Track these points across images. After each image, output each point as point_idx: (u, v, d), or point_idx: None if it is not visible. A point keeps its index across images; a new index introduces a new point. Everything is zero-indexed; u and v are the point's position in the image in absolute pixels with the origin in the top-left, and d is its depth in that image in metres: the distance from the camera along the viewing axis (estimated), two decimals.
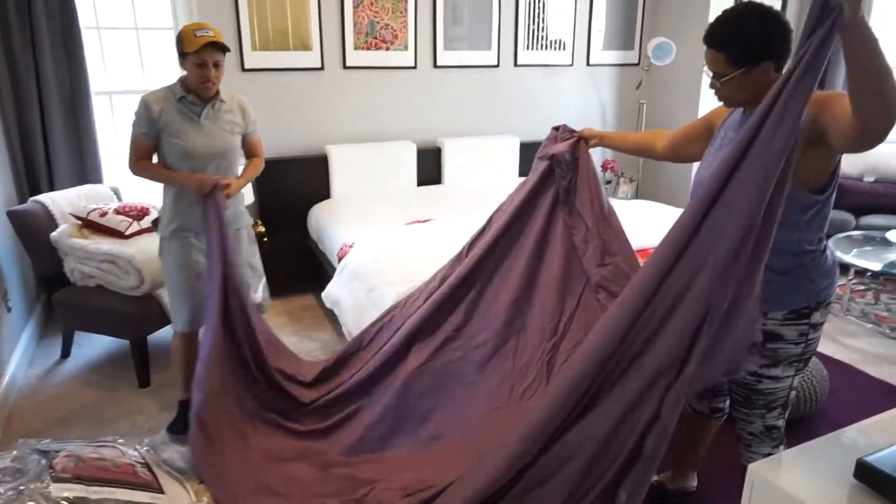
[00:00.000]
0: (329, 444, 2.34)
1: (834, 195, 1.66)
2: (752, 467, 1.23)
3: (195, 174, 2.41)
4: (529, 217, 2.31)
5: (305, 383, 2.54)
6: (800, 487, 1.15)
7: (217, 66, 2.38)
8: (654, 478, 2.27)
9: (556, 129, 2.33)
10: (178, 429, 2.59)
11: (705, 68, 1.71)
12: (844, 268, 3.77)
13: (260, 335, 2.47)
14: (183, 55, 2.38)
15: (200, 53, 2.32)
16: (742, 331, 1.58)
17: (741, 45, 1.60)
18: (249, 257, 2.71)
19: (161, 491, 2.02)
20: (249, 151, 2.71)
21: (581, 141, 2.24)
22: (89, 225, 3.11)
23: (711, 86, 1.72)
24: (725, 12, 1.66)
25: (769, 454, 1.84)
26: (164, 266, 2.59)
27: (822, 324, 1.76)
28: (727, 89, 1.67)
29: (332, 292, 3.08)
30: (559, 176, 2.24)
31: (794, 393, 1.82)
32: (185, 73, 2.43)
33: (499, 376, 2.22)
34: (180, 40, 2.37)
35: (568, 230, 2.23)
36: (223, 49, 2.38)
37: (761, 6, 1.63)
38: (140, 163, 2.45)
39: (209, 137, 2.48)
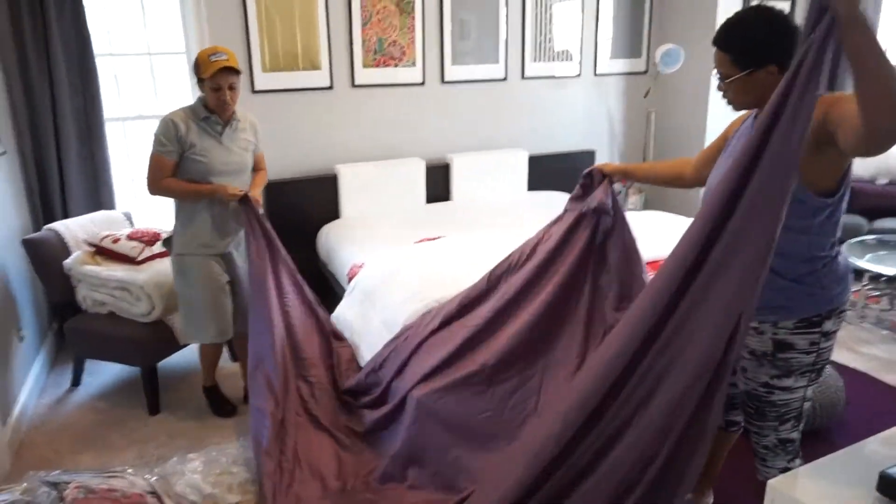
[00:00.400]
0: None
1: (846, 199, 1.62)
2: (771, 483, 1.19)
3: (225, 185, 2.58)
4: (560, 259, 2.25)
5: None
6: (821, 503, 1.11)
7: (232, 88, 2.53)
8: None
9: (587, 176, 2.24)
10: (214, 410, 2.98)
11: (714, 71, 1.70)
12: (858, 273, 3.68)
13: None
14: (200, 80, 2.52)
15: (215, 78, 2.47)
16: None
17: (746, 47, 1.61)
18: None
19: None
20: (256, 165, 2.88)
21: (607, 180, 2.18)
22: (102, 252, 3.13)
23: (719, 87, 1.72)
24: (734, 14, 1.67)
25: (785, 468, 1.79)
26: (184, 284, 2.73)
27: (834, 332, 1.70)
28: (732, 91, 1.67)
29: (342, 313, 3.07)
30: (603, 224, 2.17)
31: (808, 404, 1.76)
32: (203, 94, 2.57)
33: (521, 414, 2.16)
34: (197, 66, 2.52)
35: (595, 275, 2.20)
36: (236, 72, 2.50)
37: (769, 9, 1.63)
38: (163, 181, 2.57)
39: (230, 154, 2.65)
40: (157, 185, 2.57)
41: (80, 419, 2.98)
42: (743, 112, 1.80)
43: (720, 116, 4.75)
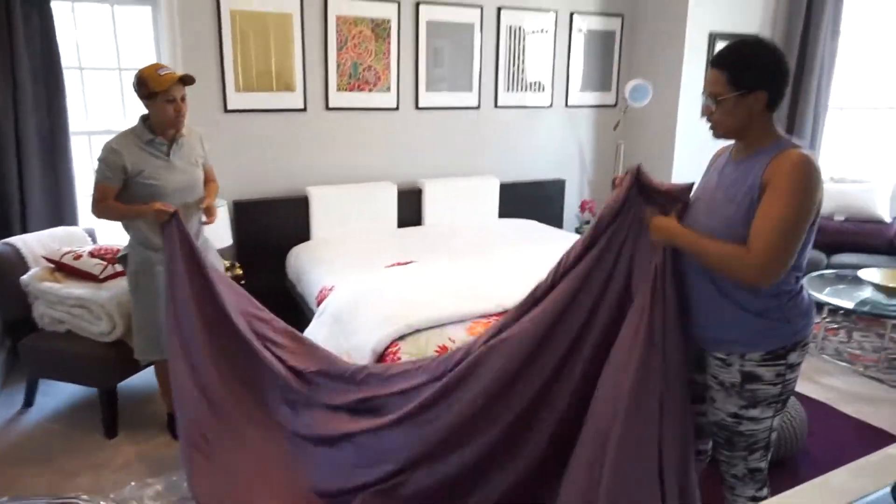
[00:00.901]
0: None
1: (812, 236, 1.68)
2: None
3: (153, 203, 2.51)
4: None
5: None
6: None
7: (183, 99, 2.54)
8: None
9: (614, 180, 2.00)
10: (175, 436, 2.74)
11: (702, 94, 1.75)
12: (818, 306, 3.77)
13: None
14: (150, 96, 2.50)
15: (171, 91, 2.48)
16: None
17: (744, 67, 1.66)
18: None
19: None
20: (207, 177, 2.83)
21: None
22: (62, 268, 3.03)
23: (704, 112, 1.75)
24: (737, 40, 1.72)
25: (754, 497, 1.83)
26: (142, 299, 2.68)
27: (799, 364, 1.76)
28: (720, 112, 1.70)
29: (313, 334, 3.02)
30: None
31: (774, 434, 1.81)
32: (145, 113, 2.56)
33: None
34: (143, 83, 2.49)
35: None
36: (188, 83, 2.53)
37: (771, 41, 1.72)
38: (102, 203, 2.56)
39: (180, 174, 2.63)
40: (98, 208, 2.59)
41: (33, 442, 2.85)
42: (720, 146, 1.86)
43: (687, 151, 4.89)
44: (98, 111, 3.89)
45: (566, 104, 5.09)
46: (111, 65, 3.83)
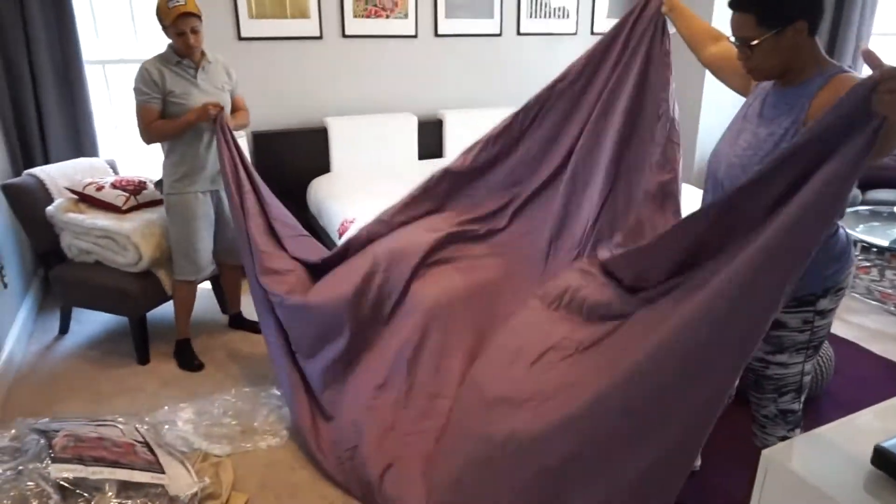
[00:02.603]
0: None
1: None
2: (765, 453, 1.21)
3: (198, 107, 2.63)
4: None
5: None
6: (815, 474, 1.13)
7: (195, 31, 2.60)
8: None
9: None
10: (181, 364, 2.96)
11: (731, 38, 1.59)
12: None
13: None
14: (165, 27, 2.60)
15: (177, 24, 2.55)
16: None
17: (772, 3, 1.48)
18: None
19: (162, 471, 2.00)
20: (236, 106, 2.94)
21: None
22: (85, 199, 3.05)
23: (739, 56, 1.59)
24: None
25: (784, 437, 1.78)
26: (170, 223, 2.83)
27: (831, 310, 1.67)
28: (758, 56, 1.53)
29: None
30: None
31: (808, 377, 1.75)
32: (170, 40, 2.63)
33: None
34: (157, 14, 2.58)
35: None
36: (196, 16, 2.58)
37: None
38: (153, 125, 2.64)
39: (207, 95, 2.71)
40: (148, 132, 2.66)
41: (69, 367, 2.95)
42: None
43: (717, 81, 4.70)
44: (110, 40, 3.81)
45: (592, 31, 4.87)
46: None
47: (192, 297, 2.98)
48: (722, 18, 4.64)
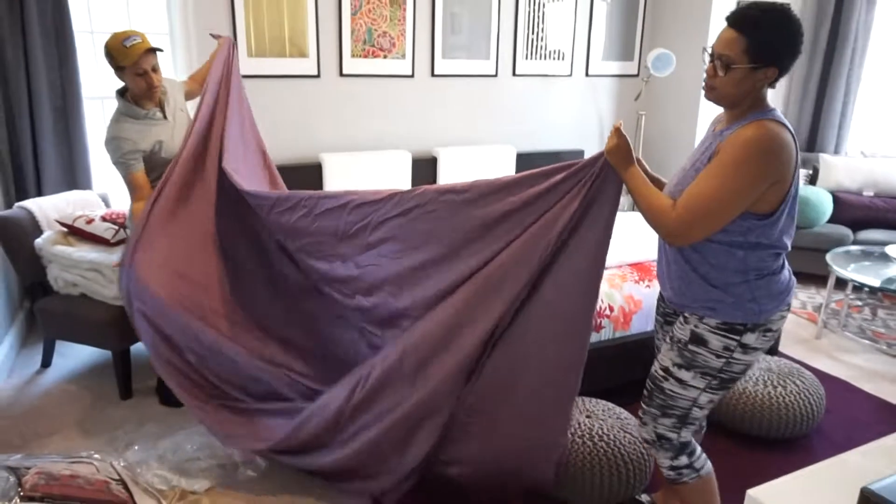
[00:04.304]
0: None
1: (783, 216, 1.59)
2: (750, 493, 1.17)
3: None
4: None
5: None
6: None
7: (155, 70, 2.41)
8: (646, 498, 2.20)
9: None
10: (164, 399, 2.87)
11: (707, 48, 1.63)
12: (842, 283, 3.71)
13: None
14: (120, 69, 2.39)
15: (139, 63, 2.35)
16: None
17: (768, 39, 1.52)
18: None
19: None
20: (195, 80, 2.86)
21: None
22: (75, 232, 3.04)
23: (708, 71, 1.62)
24: (764, 2, 1.56)
25: (671, 466, 1.79)
26: None
27: (755, 349, 1.68)
28: (727, 81, 1.57)
29: None
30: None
31: (697, 412, 1.74)
32: (121, 86, 2.48)
33: None
34: (111, 55, 2.38)
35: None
36: (158, 50, 2.41)
37: (797, 15, 1.56)
38: (146, 191, 2.48)
39: (179, 125, 2.62)
40: (144, 200, 2.46)
41: (49, 402, 2.90)
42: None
43: (709, 122, 4.75)
44: (110, 76, 3.85)
45: (587, 73, 4.96)
46: (123, 28, 3.78)
47: None
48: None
